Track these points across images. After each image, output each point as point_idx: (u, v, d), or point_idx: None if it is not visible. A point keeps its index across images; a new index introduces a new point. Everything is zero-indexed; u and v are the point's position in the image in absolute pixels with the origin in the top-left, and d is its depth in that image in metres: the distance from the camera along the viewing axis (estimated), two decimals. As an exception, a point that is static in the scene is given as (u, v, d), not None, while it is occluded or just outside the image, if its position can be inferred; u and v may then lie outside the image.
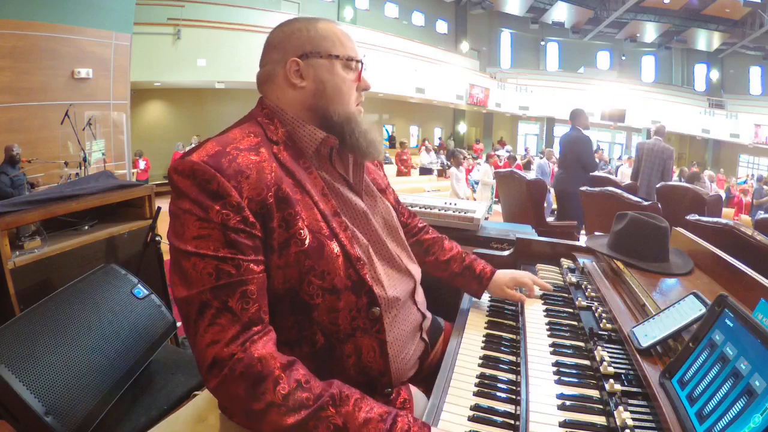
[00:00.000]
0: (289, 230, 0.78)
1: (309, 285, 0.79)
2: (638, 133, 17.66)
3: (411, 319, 0.96)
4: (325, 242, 0.81)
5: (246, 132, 0.84)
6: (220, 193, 0.73)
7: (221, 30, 9.48)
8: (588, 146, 4.57)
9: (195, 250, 0.72)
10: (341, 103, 0.89)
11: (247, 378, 0.68)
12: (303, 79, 0.87)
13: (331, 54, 0.88)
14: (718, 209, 3.88)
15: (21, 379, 1.02)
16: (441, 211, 2.11)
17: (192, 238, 0.72)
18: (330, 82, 0.88)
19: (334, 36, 0.89)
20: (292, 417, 0.67)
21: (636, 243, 1.17)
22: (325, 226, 0.82)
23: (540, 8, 18.72)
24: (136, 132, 8.31)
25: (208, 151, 0.76)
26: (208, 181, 0.73)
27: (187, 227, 0.73)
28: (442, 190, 8.85)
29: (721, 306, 0.70)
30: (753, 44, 17.12)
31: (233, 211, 0.73)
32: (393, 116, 17.03)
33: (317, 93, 0.88)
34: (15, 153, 4.89)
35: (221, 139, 0.80)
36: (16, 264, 1.58)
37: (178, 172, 0.75)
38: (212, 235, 0.72)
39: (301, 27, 0.89)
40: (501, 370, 0.89)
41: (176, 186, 0.75)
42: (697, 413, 0.62)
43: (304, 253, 0.78)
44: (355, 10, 15.83)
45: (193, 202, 0.73)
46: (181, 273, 0.73)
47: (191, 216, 0.73)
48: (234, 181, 0.74)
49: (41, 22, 5.68)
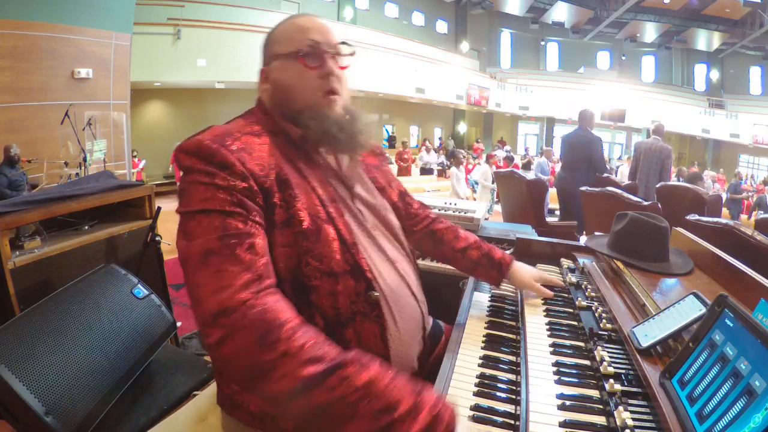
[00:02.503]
0: (289, 210, 0.81)
1: (307, 266, 0.80)
2: (638, 133, 17.66)
3: (411, 311, 0.95)
4: (322, 226, 0.83)
5: (249, 121, 0.89)
6: (225, 164, 0.76)
7: (221, 30, 9.48)
8: (601, 148, 4.57)
9: (201, 207, 0.73)
10: (295, 99, 0.90)
11: (260, 325, 0.64)
12: (267, 83, 0.93)
13: (278, 54, 0.91)
14: (718, 209, 3.88)
15: (21, 379, 1.02)
16: (441, 211, 2.11)
17: (199, 201, 0.74)
18: (280, 80, 0.91)
19: (284, 35, 0.92)
20: (310, 368, 0.62)
21: (636, 243, 1.17)
22: (323, 211, 0.84)
23: (540, 8, 18.72)
24: (136, 132, 8.31)
25: (214, 132, 0.81)
26: (213, 155, 0.77)
27: (193, 194, 0.75)
28: (442, 190, 8.84)
29: (721, 306, 0.70)
30: (753, 44, 17.12)
31: (239, 179, 0.76)
32: (393, 116, 17.01)
33: (274, 94, 0.92)
34: (13, 153, 4.89)
35: (226, 126, 0.86)
36: (16, 264, 1.58)
37: (184, 151, 0.79)
38: (218, 195, 0.74)
39: (268, 35, 0.95)
40: (501, 370, 0.89)
41: (182, 164, 0.78)
42: (697, 413, 0.62)
43: (302, 234, 0.81)
44: (355, 10, 15.82)
45: (198, 172, 0.76)
46: (185, 232, 0.73)
47: (197, 185, 0.75)
48: (237, 155, 0.78)
49: (41, 22, 5.68)
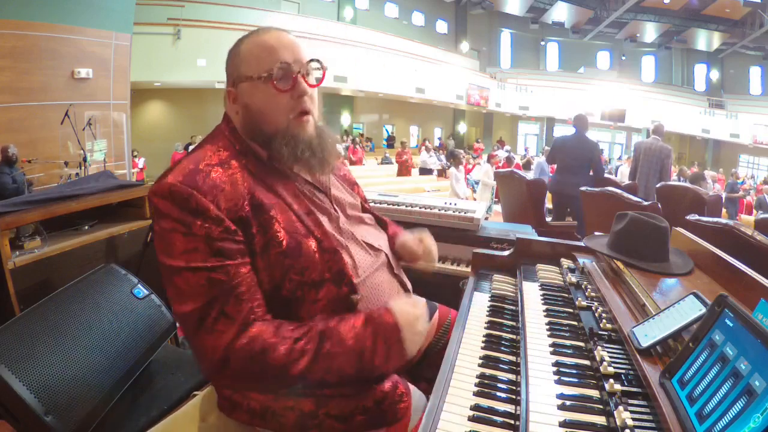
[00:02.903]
0: (266, 234, 0.83)
1: (290, 282, 0.84)
2: (638, 133, 17.67)
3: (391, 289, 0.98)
4: (302, 241, 0.85)
5: (216, 148, 0.88)
6: (199, 210, 0.78)
7: (221, 30, 9.48)
8: (600, 153, 4.65)
9: (186, 264, 0.77)
10: (268, 122, 0.89)
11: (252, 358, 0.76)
12: (237, 105, 0.91)
13: (247, 76, 0.88)
14: (718, 209, 3.88)
15: (21, 379, 1.02)
16: (441, 211, 2.11)
17: (181, 253, 0.77)
18: (252, 104, 0.89)
19: (251, 55, 0.89)
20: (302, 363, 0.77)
21: (636, 243, 1.17)
22: (301, 226, 0.86)
23: (540, 8, 18.73)
24: (136, 132, 8.31)
25: (183, 171, 0.81)
26: (186, 200, 0.78)
27: (174, 244, 0.78)
28: (442, 190, 8.84)
29: (721, 306, 0.70)
30: (753, 44, 17.13)
31: (214, 224, 0.78)
32: (393, 116, 17.02)
33: (246, 117, 0.90)
34: (11, 153, 4.89)
35: (194, 157, 0.85)
36: (16, 264, 1.58)
37: (157, 195, 0.80)
38: (199, 247, 0.77)
39: (233, 52, 0.92)
40: (501, 370, 0.89)
41: (157, 208, 0.80)
42: (697, 413, 0.62)
43: (283, 254, 0.83)
44: (355, 10, 15.83)
45: (175, 220, 0.78)
46: (176, 289, 0.78)
47: (176, 233, 0.78)
48: (210, 196, 0.79)
49: (41, 22, 5.68)
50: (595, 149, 4.53)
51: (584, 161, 4.46)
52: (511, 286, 1.28)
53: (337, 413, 0.85)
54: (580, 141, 4.52)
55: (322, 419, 0.84)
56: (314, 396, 0.85)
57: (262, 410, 0.86)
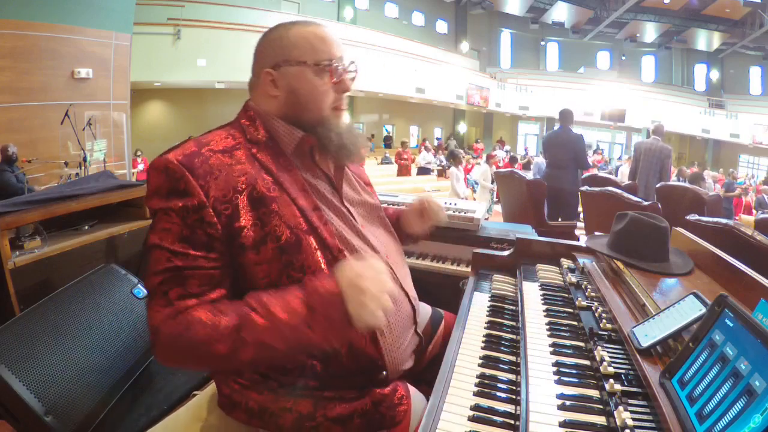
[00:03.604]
0: (265, 228, 0.82)
1: (288, 278, 0.82)
2: (638, 133, 17.65)
3: (400, 307, 0.96)
4: (302, 237, 0.84)
5: (226, 134, 0.88)
6: (187, 192, 0.79)
7: (221, 30, 9.48)
8: (584, 145, 4.68)
9: (158, 242, 0.79)
10: (313, 109, 0.90)
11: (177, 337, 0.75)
12: (277, 89, 0.90)
13: (299, 61, 0.89)
14: (717, 209, 3.88)
15: (21, 379, 1.02)
16: (441, 211, 2.11)
17: (158, 230, 0.80)
18: (300, 90, 0.89)
19: (306, 42, 0.89)
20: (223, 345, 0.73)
21: (636, 243, 1.17)
22: (303, 222, 0.85)
23: (540, 8, 18.72)
24: (136, 132, 8.32)
25: (184, 151, 0.82)
26: (177, 180, 0.79)
27: (158, 221, 0.80)
28: (442, 190, 8.84)
29: (721, 306, 0.70)
30: (753, 44, 17.12)
31: (192, 211, 0.79)
32: (393, 116, 17.01)
33: (289, 101, 0.90)
34: (11, 152, 4.89)
35: (199, 140, 0.86)
36: (16, 264, 1.58)
37: (153, 168, 0.82)
38: (172, 229, 0.79)
39: (276, 36, 0.91)
40: (501, 370, 0.89)
41: (150, 181, 0.82)
42: (697, 413, 0.62)
43: (281, 249, 0.82)
44: (355, 10, 15.83)
45: (160, 197, 0.80)
46: (147, 263, 0.81)
47: (160, 211, 0.80)
48: (202, 181, 0.80)
49: (41, 22, 5.68)
50: (578, 142, 4.55)
51: (570, 154, 4.51)
52: (511, 286, 1.28)
53: (335, 416, 0.84)
54: (564, 136, 4.57)
55: (320, 421, 0.84)
56: (312, 397, 0.85)
57: (260, 411, 0.86)
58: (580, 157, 4.53)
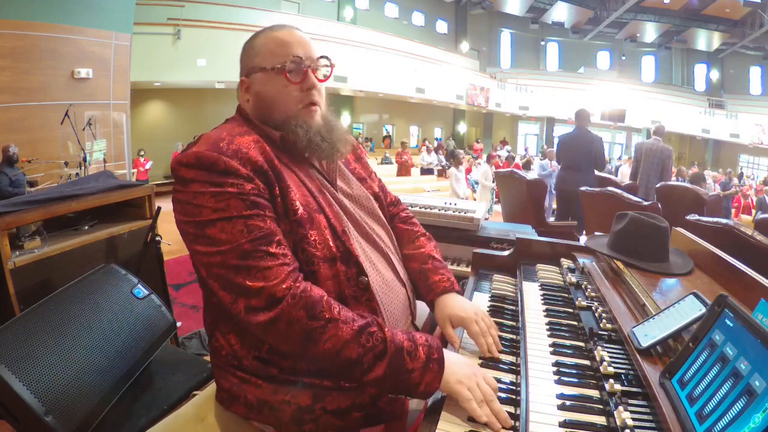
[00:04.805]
0: (285, 200, 0.86)
1: (303, 252, 0.85)
2: (638, 133, 17.67)
3: (397, 296, 0.98)
4: (314, 215, 0.88)
5: (235, 124, 0.94)
6: (229, 170, 0.80)
7: (221, 30, 9.48)
8: (603, 146, 4.65)
9: (218, 216, 0.78)
10: (279, 110, 0.94)
11: (306, 304, 0.77)
12: (248, 94, 0.97)
13: (261, 67, 0.94)
14: (718, 209, 3.89)
15: (21, 379, 1.02)
16: (441, 211, 2.11)
17: (212, 211, 0.79)
18: (263, 93, 0.95)
19: (265, 48, 0.95)
20: (348, 328, 0.77)
21: (636, 243, 1.17)
22: (313, 201, 0.90)
23: (540, 8, 18.73)
24: (136, 132, 8.31)
25: (206, 142, 0.84)
26: (214, 164, 0.80)
27: (203, 206, 0.79)
28: (442, 190, 8.84)
29: (721, 306, 0.70)
30: (753, 44, 17.13)
31: (246, 181, 0.81)
32: (393, 116, 17.02)
33: (258, 105, 0.96)
34: (12, 153, 4.89)
35: (214, 132, 0.88)
36: (16, 264, 1.58)
37: (183, 164, 0.82)
38: (231, 203, 0.79)
39: (248, 45, 0.98)
40: (501, 371, 0.89)
41: (183, 177, 0.81)
42: (697, 413, 0.62)
43: (297, 222, 0.85)
44: (355, 10, 15.83)
45: (203, 183, 0.80)
46: (209, 239, 0.79)
47: (205, 195, 0.79)
48: (236, 159, 0.82)
49: (41, 22, 5.68)
50: (595, 143, 4.52)
51: (587, 156, 4.47)
52: (511, 286, 1.28)
53: (333, 408, 0.85)
54: (581, 136, 4.53)
55: (319, 414, 0.84)
56: (311, 388, 0.85)
57: (259, 404, 0.86)
58: (599, 159, 4.51)
